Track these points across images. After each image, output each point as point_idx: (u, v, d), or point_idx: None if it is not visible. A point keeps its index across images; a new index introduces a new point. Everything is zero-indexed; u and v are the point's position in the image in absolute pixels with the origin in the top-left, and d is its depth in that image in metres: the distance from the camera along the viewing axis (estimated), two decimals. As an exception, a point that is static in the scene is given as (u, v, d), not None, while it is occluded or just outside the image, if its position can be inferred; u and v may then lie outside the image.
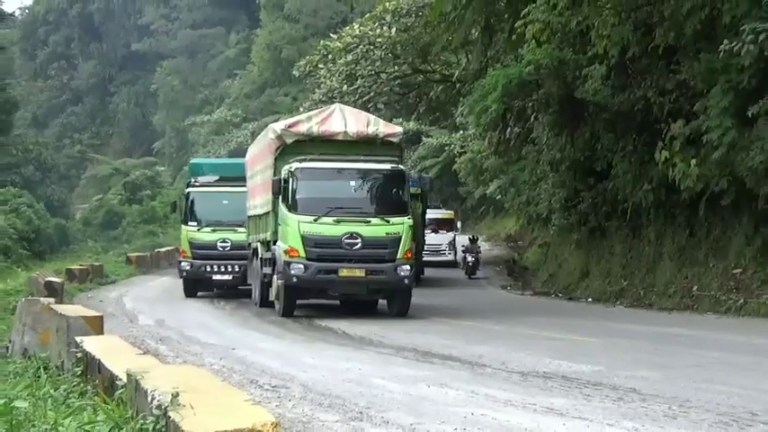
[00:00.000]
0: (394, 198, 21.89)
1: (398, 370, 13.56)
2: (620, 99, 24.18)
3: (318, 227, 20.49)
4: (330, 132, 21.95)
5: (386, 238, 20.71)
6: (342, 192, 21.81)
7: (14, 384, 10.75)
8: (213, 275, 29.01)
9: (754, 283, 21.24)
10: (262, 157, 24.44)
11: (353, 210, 21.33)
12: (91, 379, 9.01)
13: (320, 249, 20.49)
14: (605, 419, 9.14)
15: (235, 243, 28.77)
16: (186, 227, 29.92)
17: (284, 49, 64.90)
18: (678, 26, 21.81)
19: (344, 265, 20.42)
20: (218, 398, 5.79)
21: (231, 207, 29.15)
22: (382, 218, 20.89)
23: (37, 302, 17.01)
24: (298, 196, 20.77)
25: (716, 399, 10.07)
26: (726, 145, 20.07)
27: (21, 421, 7.32)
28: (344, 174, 21.75)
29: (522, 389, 11.40)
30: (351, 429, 9.00)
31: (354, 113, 23.66)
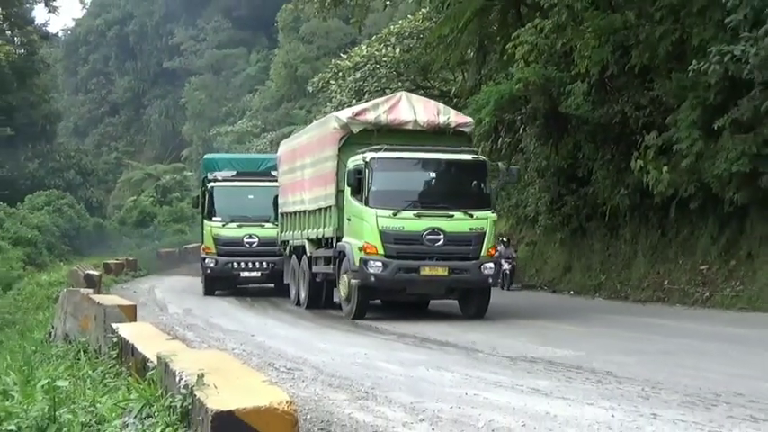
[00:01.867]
0: (476, 191, 18.27)
1: (400, 354, 13.61)
2: (599, 113, 24.19)
3: (398, 221, 17.09)
4: (399, 121, 18.72)
5: (470, 234, 17.37)
6: (421, 184, 18.54)
7: (56, 366, 10.76)
8: (241, 272, 25.70)
9: (718, 278, 21.29)
10: (315, 149, 21.01)
11: (435, 203, 17.91)
12: (125, 361, 9.03)
13: (400, 246, 17.11)
14: (585, 399, 9.19)
15: (262, 239, 25.65)
16: (210, 222, 26.30)
17: (299, 68, 64.87)
18: (652, 48, 21.87)
19: (426, 263, 17.10)
20: (239, 379, 5.80)
21: (257, 202, 26.16)
22: (465, 212, 17.47)
23: (77, 293, 17.03)
24: (373, 188, 17.21)
25: (684, 381, 10.10)
26: (694, 154, 20.20)
27: (62, 399, 7.33)
28: (424, 164, 18.41)
29: (510, 372, 11.44)
30: (357, 407, 9.03)
31: (422, 101, 20.39)
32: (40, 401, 7.31)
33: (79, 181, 61.68)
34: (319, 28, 63.58)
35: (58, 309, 18.95)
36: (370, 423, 8.22)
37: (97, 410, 6.74)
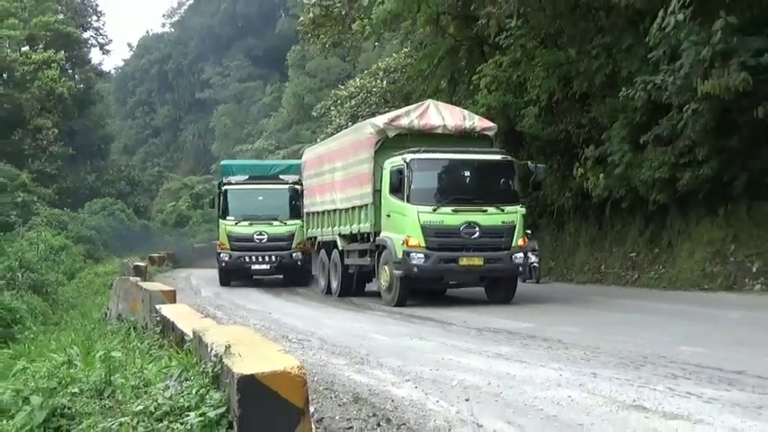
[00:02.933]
0: (505, 187, 16.85)
1: (389, 327, 13.63)
2: (548, 131, 24.24)
3: (438, 216, 15.73)
4: (430, 126, 17.37)
5: (502, 227, 16.03)
6: (457, 182, 16.98)
7: (111, 340, 10.74)
8: (252, 265, 24.10)
9: (645, 263, 21.37)
10: (349, 153, 19.33)
11: (469, 199, 16.33)
12: (167, 336, 9.02)
13: (440, 239, 15.75)
14: (538, 362, 9.21)
15: (271, 235, 24.04)
16: (224, 221, 24.57)
17: (305, 97, 64.94)
18: (590, 78, 21.94)
19: (464, 254, 15.77)
20: (259, 348, 5.80)
21: (266, 202, 24.65)
22: (497, 207, 16.11)
23: (127, 280, 17.01)
24: (414, 186, 15.85)
25: (618, 347, 10.12)
26: (624, 164, 20.32)
27: (116, 366, 7.32)
28: (459, 164, 16.86)
29: (478, 340, 11.45)
30: (355, 371, 9.03)
31: (448, 108, 18.91)
32: (98, 369, 7.30)
33: (128, 190, 61.72)
34: (321, 65, 63.64)
35: (112, 294, 18.90)
36: (365, 383, 8.23)
37: (144, 375, 6.73)
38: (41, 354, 9.75)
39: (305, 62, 69.01)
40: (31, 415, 6.14)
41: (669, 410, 6.59)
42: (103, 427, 5.55)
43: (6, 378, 7.82)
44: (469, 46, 27.69)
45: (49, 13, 56.68)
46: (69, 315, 22.19)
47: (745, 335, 11.10)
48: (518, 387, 7.75)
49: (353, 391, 7.86)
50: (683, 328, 11.95)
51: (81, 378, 7.06)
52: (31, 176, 47.67)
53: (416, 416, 6.72)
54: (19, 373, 7.97)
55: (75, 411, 6.22)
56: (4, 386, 7.18)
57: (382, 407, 7.09)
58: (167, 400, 5.51)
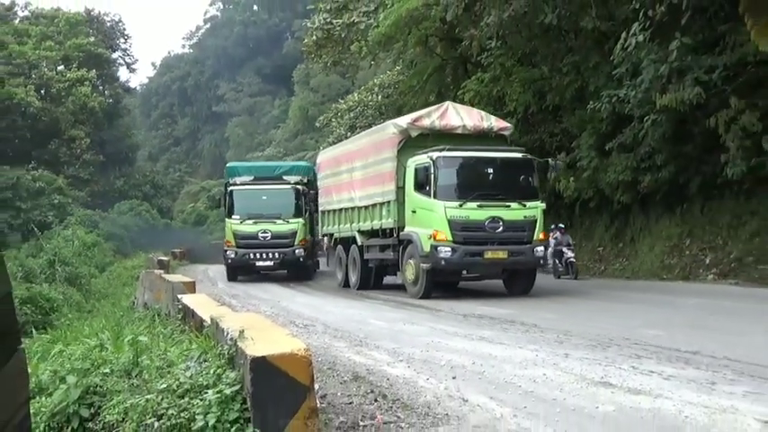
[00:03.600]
0: (526, 184, 15.66)
1: (385, 314, 13.61)
2: (524, 140, 24.08)
3: (464, 211, 14.61)
4: (450, 126, 16.22)
5: (524, 222, 14.95)
6: (480, 178, 15.76)
7: (138, 326, 10.73)
8: (256, 262, 22.61)
9: (611, 257, 21.48)
10: (369, 153, 18.07)
11: (493, 195, 15.14)
12: (187, 322, 9.01)
13: (466, 233, 14.62)
14: (516, 344, 9.21)
15: (274, 233, 22.45)
16: (230, 220, 23.02)
17: (309, 110, 64.88)
18: (561, 93, 22.03)
19: (489, 248, 14.70)
20: (269, 333, 5.79)
21: (269, 202, 22.99)
22: (519, 202, 15.04)
23: (152, 273, 17.04)
24: (440, 183, 14.76)
25: (588, 330, 10.12)
26: (592, 168, 20.46)
27: (143, 349, 7.32)
28: (482, 162, 15.69)
29: (464, 325, 11.44)
30: (354, 352, 9.02)
31: (466, 109, 17.68)
32: (126, 351, 7.30)
33: (153, 193, 61.71)
34: (323, 81, 63.64)
35: (139, 285, 18.92)
36: (363, 363, 8.22)
37: (168, 357, 6.72)
38: (76, 338, 9.74)
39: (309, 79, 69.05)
40: (67, 392, 6.14)
41: (633, 386, 6.60)
42: (131, 403, 5.54)
43: (45, 360, 7.82)
44: (454, 64, 27.71)
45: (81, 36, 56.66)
46: (101, 304, 22.20)
47: (700, 319, 11.12)
48: (499, 366, 7.75)
49: (353, 370, 7.85)
50: (644, 314, 11.95)
51: (111, 360, 7.05)
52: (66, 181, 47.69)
53: (409, 392, 6.72)
54: (56, 355, 7.97)
55: (106, 389, 6.22)
56: (44, 367, 7.18)
57: (379, 384, 7.09)
58: (188, 379, 5.51)
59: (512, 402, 6.21)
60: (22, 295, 19.15)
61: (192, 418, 4.90)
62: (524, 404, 6.14)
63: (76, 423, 5.89)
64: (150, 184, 62.47)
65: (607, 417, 5.69)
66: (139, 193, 58.84)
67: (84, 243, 35.59)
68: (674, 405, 5.90)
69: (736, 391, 6.24)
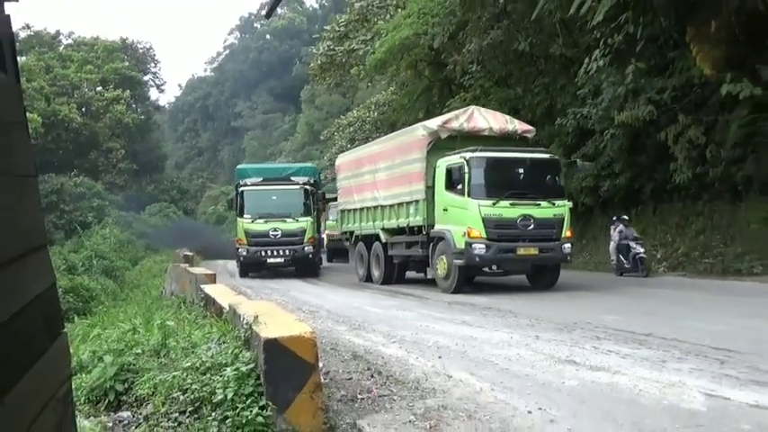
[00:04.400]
0: (553, 183, 14.36)
1: (381, 302, 13.60)
2: (501, 151, 24.25)
3: (497, 210, 13.41)
4: (478, 128, 14.97)
5: (553, 219, 13.80)
6: (511, 178, 14.32)
7: (166, 312, 10.71)
8: (268, 259, 20.97)
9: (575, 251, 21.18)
10: (396, 154, 16.56)
11: (524, 194, 13.89)
12: (209, 308, 9.00)
13: (500, 230, 13.44)
14: (494, 327, 9.22)
15: (284, 231, 20.85)
16: (242, 219, 21.40)
17: (315, 125, 64.76)
18: (533, 110, 22.03)
19: (521, 244, 13.54)
20: (280, 318, 5.79)
21: (279, 202, 21.33)
22: (549, 201, 13.87)
23: (179, 266, 17.04)
24: (474, 182, 13.56)
25: (555, 316, 10.14)
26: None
27: (170, 332, 7.31)
28: (513, 162, 14.37)
29: (448, 311, 11.44)
30: (354, 335, 9.02)
31: (490, 113, 16.15)
32: (156, 334, 7.28)
33: (179, 197, 61.59)
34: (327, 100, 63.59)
35: (167, 276, 18.87)
36: (361, 344, 8.22)
37: (192, 339, 6.71)
38: (112, 323, 9.73)
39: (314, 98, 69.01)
40: (104, 370, 6.12)
41: (594, 364, 6.61)
42: (160, 379, 5.53)
43: (85, 342, 7.80)
44: (440, 85, 27.73)
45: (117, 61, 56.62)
46: (133, 293, 22.13)
47: (652, 306, 11.15)
48: (479, 347, 7.76)
49: (352, 350, 7.85)
50: (604, 302, 11.97)
51: (143, 341, 7.04)
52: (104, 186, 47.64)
53: (401, 369, 6.72)
54: (95, 338, 7.95)
55: (138, 367, 6.21)
56: (84, 348, 7.16)
57: (374, 362, 7.09)
58: (209, 358, 5.51)
59: (490, 378, 6.21)
60: (65, 285, 19.08)
61: (213, 392, 4.90)
62: (501, 379, 6.14)
63: (112, 396, 5.89)
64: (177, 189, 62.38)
65: (572, 390, 5.70)
66: (167, 197, 58.77)
67: (119, 240, 35.52)
68: (630, 380, 5.91)
69: (683, 368, 6.26)
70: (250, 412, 4.65)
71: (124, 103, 52.94)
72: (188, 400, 4.98)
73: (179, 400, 5.03)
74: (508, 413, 5.09)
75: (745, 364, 6.34)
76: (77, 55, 54.40)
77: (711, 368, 6.22)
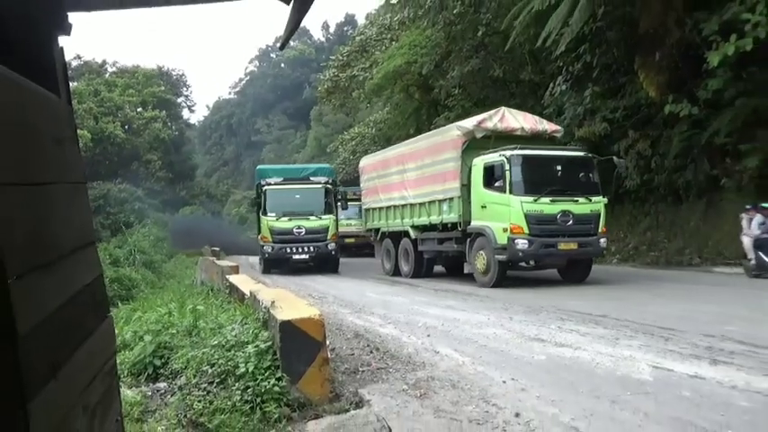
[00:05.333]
0: (588, 180, 12.68)
1: (378, 288, 13.58)
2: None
3: (538, 206, 11.87)
4: (511, 128, 13.38)
5: (591, 215, 12.23)
6: (550, 175, 12.64)
7: (197, 298, 10.68)
8: (293, 256, 18.63)
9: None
10: (427, 154, 14.94)
11: (562, 190, 12.31)
12: (233, 295, 8.99)
13: (541, 226, 11.88)
14: (474, 310, 9.21)
15: (308, 229, 18.59)
16: (266, 217, 18.98)
17: (322, 140, 64.63)
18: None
19: (561, 240, 12.00)
20: (293, 303, 5.78)
21: (302, 200, 19.07)
22: (586, 197, 12.29)
23: (207, 259, 17.00)
24: (515, 179, 11.97)
25: (526, 300, 10.15)
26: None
27: (200, 315, 7.29)
28: (551, 159, 12.76)
29: (436, 296, 11.45)
30: (355, 317, 9.02)
31: (520, 114, 14.42)
32: (188, 317, 7.26)
33: (207, 200, 61.58)
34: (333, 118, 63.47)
35: (198, 268, 18.87)
36: (361, 325, 8.22)
37: (218, 321, 6.69)
38: (151, 307, 9.70)
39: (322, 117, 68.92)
40: (144, 348, 6.11)
41: (558, 341, 6.61)
42: (192, 355, 5.52)
43: (128, 324, 7.78)
44: (428, 106, 27.71)
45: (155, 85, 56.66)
46: (169, 282, 22.08)
47: (608, 292, 11.16)
48: (461, 327, 7.76)
49: (354, 330, 7.84)
50: (567, 289, 11.96)
51: (177, 323, 7.02)
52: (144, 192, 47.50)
53: (395, 346, 6.72)
54: (136, 320, 7.93)
55: (173, 345, 6.19)
56: (127, 329, 7.14)
57: (373, 340, 7.08)
58: (233, 337, 5.49)
59: (470, 353, 6.21)
60: (111, 276, 19.04)
61: (237, 365, 4.89)
62: (480, 354, 6.15)
63: (151, 370, 5.87)
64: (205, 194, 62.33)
65: (540, 364, 5.70)
66: (197, 201, 58.76)
67: (157, 237, 35.39)
68: (589, 354, 5.92)
69: (633, 344, 6.27)
70: (268, 383, 4.64)
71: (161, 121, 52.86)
72: (215, 373, 4.97)
73: (208, 373, 5.02)
74: (486, 383, 5.09)
75: (685, 341, 6.35)
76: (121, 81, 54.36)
77: (657, 344, 6.23)
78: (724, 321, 7.26)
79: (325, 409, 4.59)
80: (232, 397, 4.60)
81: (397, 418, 4.23)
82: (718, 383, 4.76)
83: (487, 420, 4.16)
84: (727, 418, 3.98)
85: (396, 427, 4.04)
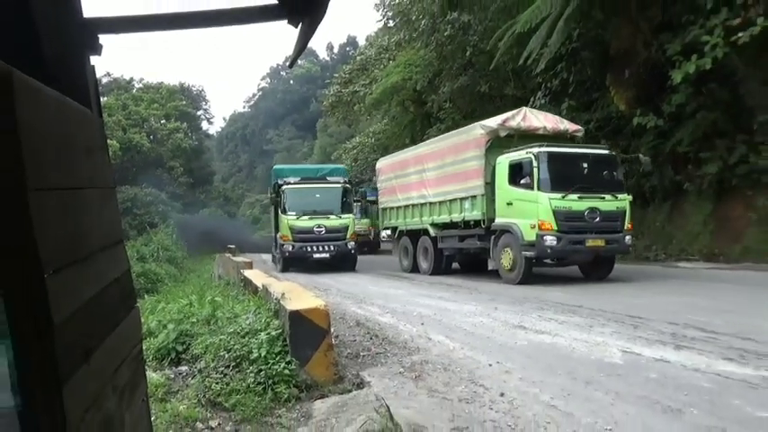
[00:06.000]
0: (613, 178, 11.44)
1: (380, 281, 13.57)
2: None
3: (566, 203, 10.74)
4: (534, 127, 12.14)
5: (617, 212, 11.04)
6: (576, 172, 11.19)
7: (215, 290, 10.68)
8: (313, 254, 16.84)
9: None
10: (447, 154, 13.75)
11: (589, 188, 11.04)
12: (247, 288, 8.98)
13: (569, 223, 10.74)
14: (464, 301, 9.20)
15: (328, 228, 16.84)
16: (286, 216, 16.99)
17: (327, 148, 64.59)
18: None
19: (589, 236, 10.84)
20: (301, 295, 5.77)
21: (322, 199, 17.31)
22: (612, 194, 11.12)
23: (224, 256, 16.93)
24: (543, 176, 10.85)
25: (510, 292, 10.14)
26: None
27: (218, 305, 7.29)
28: (577, 157, 11.41)
29: (429, 289, 11.41)
30: (357, 307, 9.00)
31: (541, 113, 13.24)
32: (206, 307, 7.25)
33: (224, 203, 61.63)
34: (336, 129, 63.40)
35: (216, 264, 18.82)
36: (362, 314, 8.21)
37: (234, 311, 6.69)
38: (173, 299, 9.69)
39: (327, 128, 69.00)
40: (167, 335, 6.10)
41: (539, 328, 6.61)
42: (210, 341, 5.51)
43: (153, 313, 7.77)
44: (422, 118, 27.70)
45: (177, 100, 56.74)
46: (190, 276, 22.07)
47: (582, 285, 11.15)
48: (451, 316, 7.76)
49: (356, 319, 7.84)
50: (547, 282, 11.95)
51: (197, 313, 7.01)
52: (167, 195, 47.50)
53: (393, 333, 6.71)
54: (160, 310, 7.92)
55: (193, 332, 6.19)
56: (152, 318, 7.13)
57: (373, 328, 7.08)
58: (248, 325, 5.49)
59: (460, 339, 6.21)
60: (137, 271, 19.04)
61: (250, 351, 4.89)
62: (468, 341, 6.14)
63: (174, 355, 5.86)
64: (222, 197, 62.38)
65: (522, 349, 5.70)
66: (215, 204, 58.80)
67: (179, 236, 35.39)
68: (566, 340, 5.92)
69: (605, 331, 6.27)
70: (279, 366, 4.64)
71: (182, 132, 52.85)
72: (231, 357, 4.97)
73: (224, 358, 5.02)
74: (474, 366, 5.09)
75: (652, 328, 6.36)
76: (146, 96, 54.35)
77: (627, 331, 6.23)
78: (687, 311, 7.26)
79: (330, 389, 4.59)
80: (246, 379, 4.59)
81: (394, 398, 4.23)
82: (681, 366, 4.77)
83: (475, 399, 4.16)
84: (690, 398, 3.98)
85: (393, 405, 4.04)
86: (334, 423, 3.89)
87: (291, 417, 4.15)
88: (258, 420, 4.09)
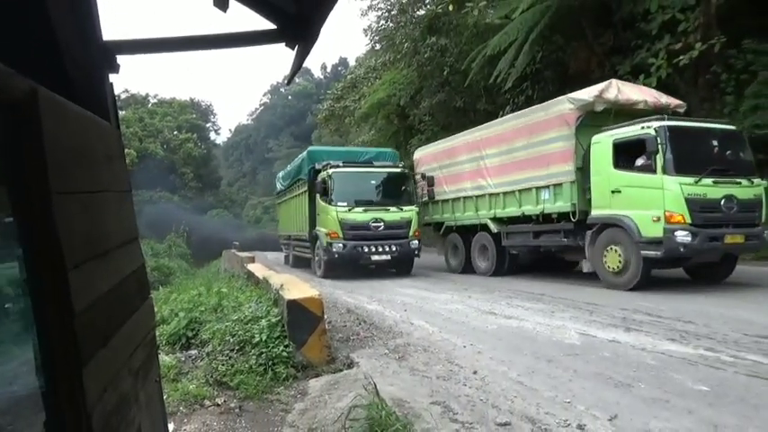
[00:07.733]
0: (739, 158, 7.82)
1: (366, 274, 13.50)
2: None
3: (700, 189, 7.27)
4: (632, 101, 8.59)
5: (754, 200, 7.60)
6: (706, 152, 7.62)
7: (222, 282, 10.59)
8: (371, 256, 11.67)
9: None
10: (517, 136, 10.04)
11: (723, 170, 7.53)
12: (250, 279, 8.93)
13: (705, 214, 7.28)
14: (442, 290, 9.19)
15: (388, 223, 11.61)
16: (335, 207, 11.50)
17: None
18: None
19: (727, 231, 7.37)
20: (297, 285, 5.75)
21: (379, 187, 12.16)
22: (747, 178, 7.66)
23: (230, 252, 16.79)
24: (668, 156, 7.34)
25: (483, 283, 10.16)
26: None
27: (224, 296, 7.23)
28: (706, 133, 7.77)
29: (410, 280, 11.38)
30: (348, 296, 8.97)
31: (635, 86, 9.68)
32: (214, 297, 7.20)
33: (230, 205, 61.25)
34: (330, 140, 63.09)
35: (222, 259, 18.67)
36: (352, 302, 8.19)
37: (238, 300, 6.65)
38: (185, 290, 9.61)
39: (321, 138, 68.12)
40: (179, 322, 6.05)
41: (507, 314, 6.65)
42: (217, 328, 5.48)
43: (166, 303, 7.70)
44: (405, 130, 27.69)
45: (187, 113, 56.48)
46: (199, 270, 21.86)
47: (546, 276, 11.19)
48: (431, 303, 7.77)
49: (346, 306, 7.82)
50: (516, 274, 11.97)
51: (205, 302, 6.96)
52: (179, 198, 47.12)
53: (379, 318, 6.71)
54: (172, 300, 7.84)
55: (202, 320, 6.14)
56: (165, 307, 7.07)
57: (361, 314, 7.07)
58: (250, 313, 5.46)
59: (438, 324, 6.23)
60: (152, 265, 18.82)
61: (253, 336, 4.86)
62: (446, 325, 6.16)
63: (184, 340, 5.82)
64: (228, 200, 62.01)
65: (493, 332, 5.73)
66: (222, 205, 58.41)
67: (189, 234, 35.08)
68: (531, 324, 5.96)
69: (565, 316, 6.32)
70: (278, 349, 4.63)
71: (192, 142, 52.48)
72: (236, 342, 4.94)
73: (230, 342, 4.99)
74: (450, 347, 5.11)
75: (605, 313, 6.42)
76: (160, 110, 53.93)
77: (584, 316, 6.29)
78: (636, 298, 7.34)
79: (324, 369, 4.59)
80: (249, 361, 4.57)
81: (380, 376, 4.24)
82: (631, 346, 4.82)
83: (451, 377, 4.18)
84: (638, 374, 4.03)
85: (380, 383, 4.04)
86: (327, 399, 3.89)
87: (289, 394, 4.14)
88: (260, 397, 4.08)
